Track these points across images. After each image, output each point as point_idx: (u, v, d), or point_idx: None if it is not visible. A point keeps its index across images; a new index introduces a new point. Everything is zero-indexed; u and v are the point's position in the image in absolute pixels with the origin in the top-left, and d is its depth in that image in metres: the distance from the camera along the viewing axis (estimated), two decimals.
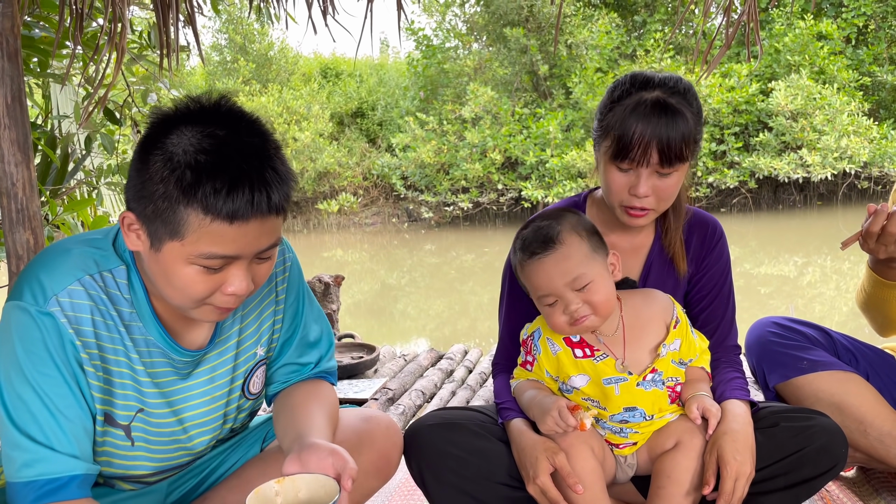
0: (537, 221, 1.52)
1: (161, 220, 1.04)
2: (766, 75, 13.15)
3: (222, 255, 1.06)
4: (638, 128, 1.47)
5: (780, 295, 7.29)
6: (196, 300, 1.12)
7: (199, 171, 1.01)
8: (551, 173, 12.73)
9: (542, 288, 1.48)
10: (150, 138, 1.07)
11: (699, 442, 1.51)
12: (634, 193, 1.52)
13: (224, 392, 1.35)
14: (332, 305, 3.64)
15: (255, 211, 1.04)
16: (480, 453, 1.56)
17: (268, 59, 16.95)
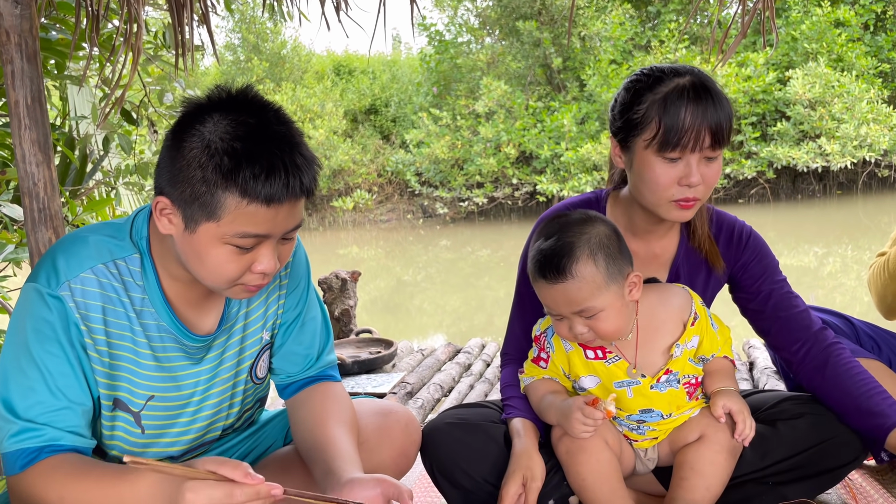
0: (559, 235, 1.42)
1: (199, 203, 1.10)
2: (783, 64, 13.01)
3: (255, 234, 1.12)
4: (688, 112, 1.39)
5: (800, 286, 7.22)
6: (228, 280, 1.17)
7: (237, 157, 1.08)
8: (566, 167, 12.68)
9: (549, 307, 1.46)
10: (183, 126, 1.13)
11: (723, 435, 1.50)
12: (687, 183, 1.43)
13: (231, 376, 1.38)
14: (349, 301, 3.66)
15: (289, 194, 1.10)
16: (493, 454, 1.56)
17: (281, 58, 17.02)
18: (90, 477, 1.12)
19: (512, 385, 1.66)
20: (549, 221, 1.47)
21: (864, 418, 1.50)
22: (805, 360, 1.58)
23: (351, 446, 1.32)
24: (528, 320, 1.69)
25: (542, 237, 1.44)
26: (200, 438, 1.39)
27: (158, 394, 1.29)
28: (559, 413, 1.50)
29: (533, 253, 1.43)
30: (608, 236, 1.43)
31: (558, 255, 1.39)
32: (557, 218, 1.47)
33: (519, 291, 1.71)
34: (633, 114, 1.45)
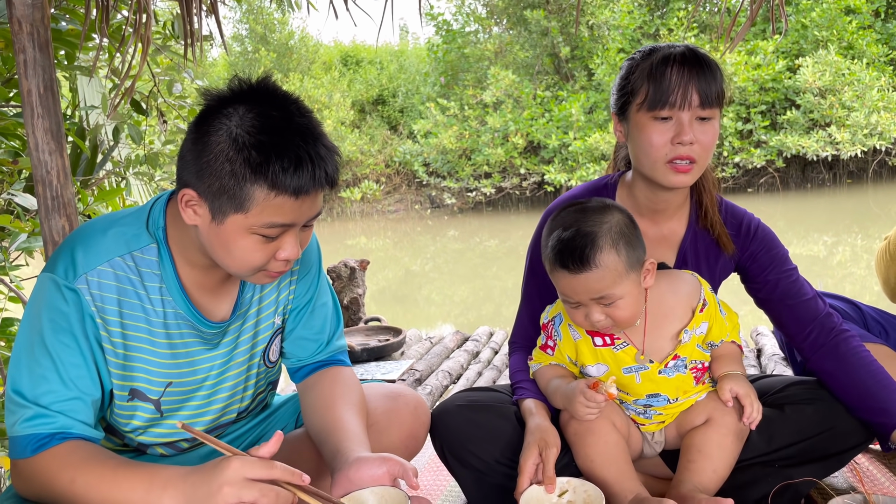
0: (578, 225, 1.41)
1: (227, 195, 1.13)
2: (792, 52, 12.91)
3: (282, 224, 1.16)
4: (674, 71, 1.45)
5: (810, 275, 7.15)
6: (254, 268, 1.20)
7: (266, 151, 1.10)
8: (574, 156, 12.64)
9: (569, 297, 1.45)
10: (206, 119, 1.15)
11: (730, 419, 1.51)
12: (679, 141, 1.45)
13: (245, 360, 1.41)
14: (357, 290, 3.68)
15: (316, 185, 1.14)
16: (503, 436, 1.58)
17: (288, 49, 17.01)
18: (107, 465, 1.14)
19: (521, 370, 1.68)
20: (564, 210, 1.47)
21: (871, 413, 1.51)
22: (813, 347, 1.59)
23: (359, 427, 1.34)
24: (535, 308, 1.70)
25: (560, 227, 1.43)
26: (216, 421, 1.42)
27: (176, 380, 1.32)
28: (564, 397, 1.52)
29: (552, 243, 1.42)
30: (627, 224, 1.43)
31: (581, 245, 1.38)
32: (573, 206, 1.46)
33: (526, 280, 1.73)
34: (626, 84, 1.51)
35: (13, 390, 1.19)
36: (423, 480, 1.90)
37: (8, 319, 2.40)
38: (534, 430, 1.52)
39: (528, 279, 1.72)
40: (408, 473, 1.19)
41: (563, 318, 1.56)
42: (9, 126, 2.35)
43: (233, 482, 1.01)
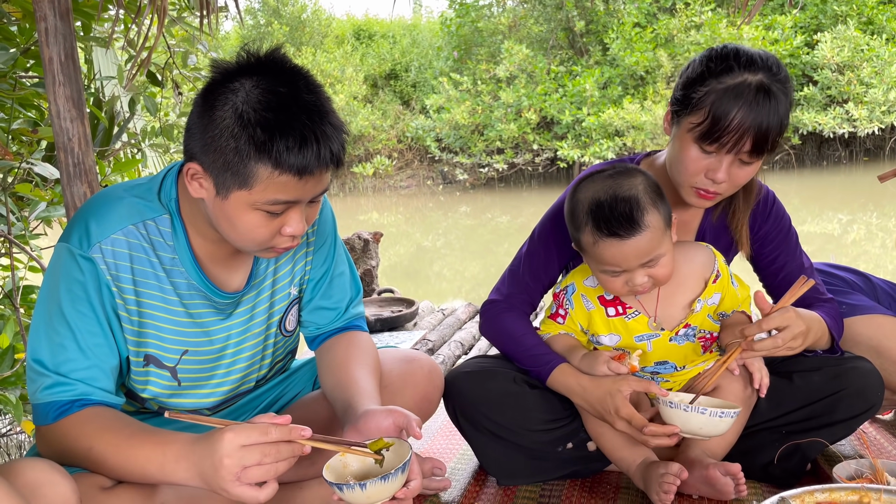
0: (614, 190, 1.40)
1: (231, 171, 1.13)
2: (811, 27, 12.71)
3: (285, 201, 1.16)
4: (739, 113, 1.37)
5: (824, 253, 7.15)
6: (259, 243, 1.21)
7: (270, 130, 1.09)
8: (588, 132, 12.56)
9: (616, 265, 1.42)
10: (213, 91, 1.14)
11: (738, 386, 1.53)
12: (712, 178, 1.44)
13: (262, 329, 1.44)
14: (371, 262, 3.71)
15: (320, 164, 1.13)
16: (514, 400, 1.60)
17: (301, 22, 16.92)
18: (122, 433, 1.17)
19: (529, 333, 1.64)
20: (589, 181, 1.46)
21: None
22: None
23: (372, 385, 1.37)
24: (538, 274, 1.68)
25: (594, 197, 1.41)
26: (235, 389, 1.45)
27: (192, 348, 1.34)
28: (585, 365, 1.53)
29: (594, 213, 1.40)
30: (653, 182, 1.45)
31: (627, 210, 1.38)
32: (598, 175, 1.46)
33: (537, 242, 1.68)
34: (692, 92, 1.45)
35: (34, 359, 1.22)
36: (437, 444, 1.94)
37: (28, 287, 2.45)
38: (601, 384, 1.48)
39: (539, 241, 1.68)
40: (411, 424, 1.22)
41: (577, 287, 1.58)
42: (28, 96, 2.38)
43: (230, 453, 1.04)
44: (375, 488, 1.10)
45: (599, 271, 1.47)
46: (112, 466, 1.15)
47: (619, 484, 1.64)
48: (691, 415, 1.35)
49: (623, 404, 1.43)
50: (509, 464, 1.64)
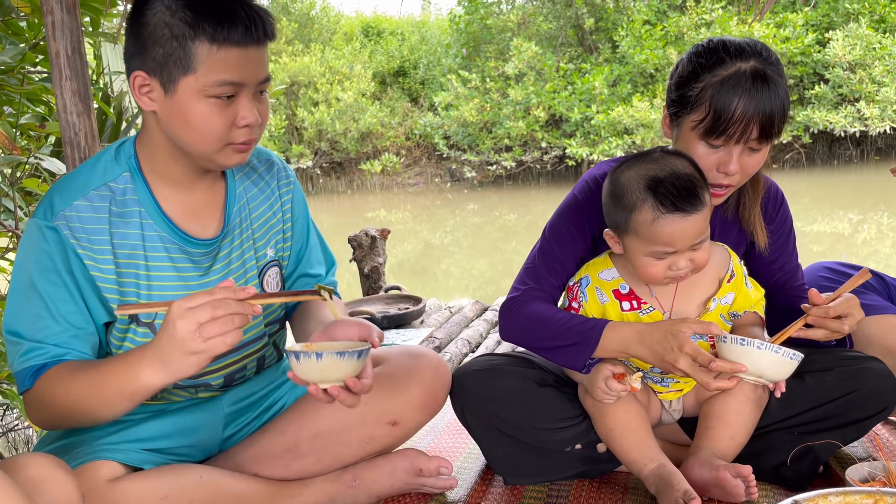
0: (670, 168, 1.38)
1: (173, 59, 1.18)
2: (822, 25, 12.62)
3: (231, 81, 1.20)
4: (740, 103, 1.36)
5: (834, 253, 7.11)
6: (217, 138, 1.23)
7: (199, 8, 1.17)
8: (597, 130, 12.52)
9: (672, 244, 1.38)
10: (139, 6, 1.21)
11: (749, 387, 1.51)
12: (724, 171, 1.43)
13: (241, 284, 1.44)
14: (378, 259, 3.70)
15: (254, 36, 1.19)
16: (523, 398, 1.59)
17: (310, 19, 16.92)
18: (92, 367, 1.21)
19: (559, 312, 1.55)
20: (632, 164, 1.43)
21: None
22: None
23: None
24: (554, 269, 1.62)
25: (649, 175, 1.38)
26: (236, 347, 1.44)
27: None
28: (586, 377, 1.52)
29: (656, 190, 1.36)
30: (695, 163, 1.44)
31: (690, 185, 1.36)
32: (639, 159, 1.43)
33: (560, 231, 1.62)
34: (688, 90, 1.43)
35: (10, 332, 1.25)
36: (443, 442, 1.93)
37: None
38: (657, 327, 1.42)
39: (561, 229, 1.62)
40: (372, 335, 1.27)
41: (591, 280, 1.56)
42: (36, 91, 2.37)
43: (181, 315, 1.09)
44: (330, 361, 1.15)
45: (646, 254, 1.42)
46: (91, 399, 1.19)
47: (628, 484, 1.62)
48: (764, 353, 1.31)
49: (687, 341, 1.37)
50: (517, 463, 1.62)
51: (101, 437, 1.32)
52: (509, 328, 1.59)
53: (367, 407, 1.46)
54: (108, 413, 1.21)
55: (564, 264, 1.61)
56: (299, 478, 1.47)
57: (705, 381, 1.36)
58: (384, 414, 1.48)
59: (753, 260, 1.68)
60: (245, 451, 1.47)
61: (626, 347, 1.45)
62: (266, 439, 1.47)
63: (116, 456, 1.27)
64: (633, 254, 1.45)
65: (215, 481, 1.34)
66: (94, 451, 1.27)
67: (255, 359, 1.52)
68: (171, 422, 1.42)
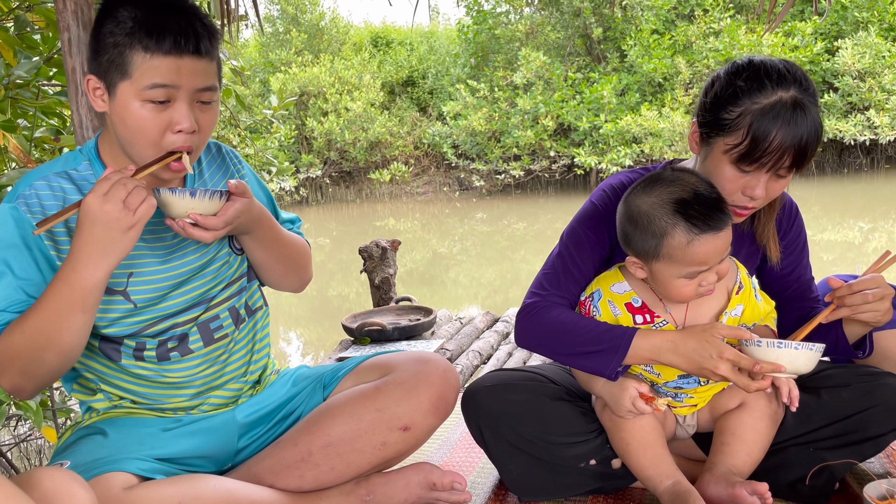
0: (695, 188, 1.39)
1: (114, 66, 1.28)
2: (831, 33, 12.59)
3: (162, 84, 1.27)
4: (779, 134, 1.36)
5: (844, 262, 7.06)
6: (150, 140, 1.31)
7: (138, 20, 1.26)
8: (605, 139, 12.51)
9: (706, 263, 1.39)
10: (100, 16, 1.31)
11: (765, 402, 1.51)
12: (750, 195, 1.43)
13: (214, 249, 1.50)
14: (388, 269, 3.70)
15: (183, 48, 1.27)
16: (536, 413, 1.58)
17: (319, 30, 17.00)
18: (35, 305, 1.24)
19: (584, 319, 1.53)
20: (646, 190, 1.43)
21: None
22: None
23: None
24: (573, 275, 1.60)
25: (673, 199, 1.39)
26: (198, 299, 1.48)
27: (138, 269, 1.39)
28: (608, 391, 1.51)
29: (684, 214, 1.37)
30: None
31: (717, 203, 1.38)
32: (650, 184, 1.43)
33: (579, 239, 1.60)
34: (724, 113, 1.42)
35: None
36: (456, 457, 1.92)
37: None
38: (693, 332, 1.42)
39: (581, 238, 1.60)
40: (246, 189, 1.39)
41: (603, 294, 1.55)
42: (51, 104, 2.39)
43: (103, 202, 1.18)
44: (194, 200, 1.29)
45: (680, 276, 1.41)
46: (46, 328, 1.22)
47: (643, 501, 1.61)
48: (801, 352, 1.36)
49: (726, 347, 1.37)
50: (531, 479, 1.62)
51: (117, 448, 1.33)
52: (530, 334, 1.56)
53: (379, 413, 1.47)
54: (68, 335, 1.24)
55: (583, 270, 1.59)
56: (314, 488, 1.47)
57: (745, 383, 1.37)
58: (395, 419, 1.48)
59: (768, 272, 1.68)
60: (260, 463, 1.48)
61: (656, 355, 1.44)
62: (279, 450, 1.48)
63: (130, 467, 1.28)
64: (664, 278, 1.44)
65: (229, 490, 1.34)
66: (109, 461, 1.28)
67: (227, 308, 1.53)
68: (185, 434, 1.43)
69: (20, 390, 1.29)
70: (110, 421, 1.43)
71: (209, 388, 1.50)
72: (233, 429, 1.50)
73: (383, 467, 1.54)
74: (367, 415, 1.48)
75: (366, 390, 1.51)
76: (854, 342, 1.56)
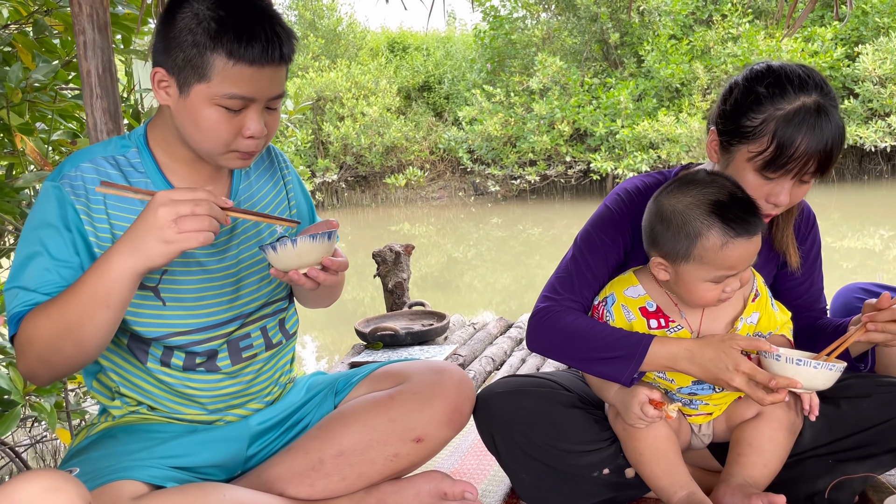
0: (730, 191, 1.37)
1: (191, 65, 1.23)
2: (852, 39, 12.47)
3: (241, 96, 1.24)
4: (804, 140, 1.34)
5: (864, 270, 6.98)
6: (221, 143, 1.28)
7: (223, 22, 1.21)
8: (621, 144, 12.46)
9: (736, 267, 1.38)
10: (173, 5, 1.25)
11: (782, 412, 1.48)
12: (774, 202, 1.42)
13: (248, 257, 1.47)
14: (402, 274, 3.69)
15: (270, 58, 1.23)
16: (549, 420, 1.56)
17: (336, 35, 17.12)
18: (65, 291, 1.22)
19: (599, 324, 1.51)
20: (681, 191, 1.40)
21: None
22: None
23: None
24: (586, 279, 1.58)
25: (709, 200, 1.37)
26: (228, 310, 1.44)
27: (172, 267, 1.37)
28: (619, 399, 1.49)
29: (721, 216, 1.35)
30: None
31: (751, 206, 1.37)
32: (684, 185, 1.41)
33: (594, 241, 1.58)
34: (746, 120, 1.40)
35: (15, 286, 1.27)
36: (467, 464, 1.90)
37: None
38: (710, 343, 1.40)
39: (595, 240, 1.58)
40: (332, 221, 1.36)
41: (616, 298, 1.53)
42: (67, 108, 2.41)
43: (164, 203, 1.13)
44: (304, 245, 1.23)
45: (707, 280, 1.40)
46: (69, 315, 1.19)
47: None
48: (819, 371, 1.34)
49: (742, 359, 1.35)
50: (543, 487, 1.59)
51: (129, 454, 1.32)
52: (543, 338, 1.54)
53: (392, 424, 1.45)
54: (89, 328, 1.20)
55: (597, 274, 1.57)
56: (324, 497, 1.45)
57: (759, 396, 1.35)
58: (408, 431, 1.46)
59: (781, 280, 1.66)
60: (271, 470, 1.46)
61: (672, 363, 1.43)
62: (291, 458, 1.47)
63: (140, 474, 1.27)
64: (690, 280, 1.42)
65: (239, 500, 1.33)
66: (119, 468, 1.27)
67: (259, 328, 1.51)
68: (199, 440, 1.42)
69: (35, 376, 1.27)
70: (124, 427, 1.43)
71: (228, 406, 1.49)
72: (245, 436, 1.49)
73: (394, 477, 1.53)
74: (380, 425, 1.46)
75: (379, 399, 1.49)
76: (856, 355, 1.54)
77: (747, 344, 1.37)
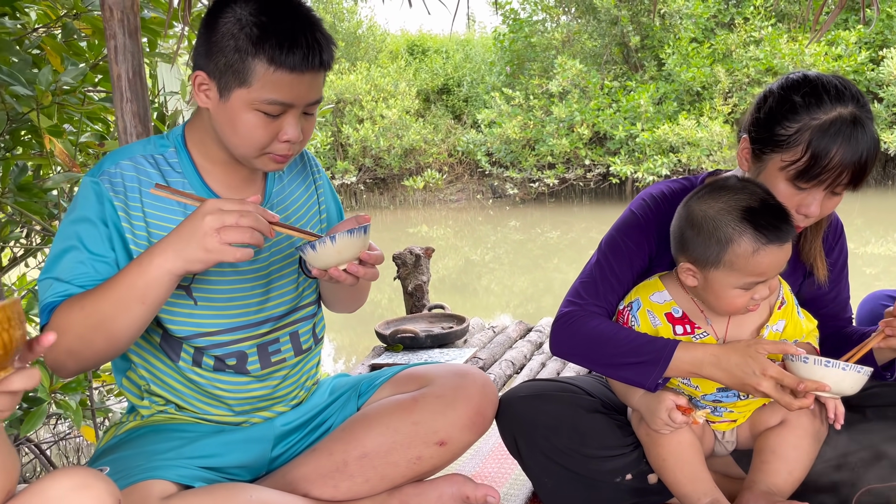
0: (762, 198, 1.37)
1: (232, 70, 1.24)
2: (876, 42, 12.31)
3: (281, 102, 1.25)
4: (839, 151, 1.33)
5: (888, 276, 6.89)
6: (258, 146, 1.30)
7: (265, 28, 1.22)
8: (641, 148, 12.39)
9: (766, 274, 1.37)
10: (216, 8, 1.27)
11: (807, 420, 1.47)
12: (804, 213, 1.40)
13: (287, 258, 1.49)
14: (422, 277, 3.70)
15: (310, 65, 1.24)
16: (572, 424, 1.55)
17: (356, 38, 17.19)
18: (102, 284, 1.23)
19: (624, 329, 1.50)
20: (713, 196, 1.39)
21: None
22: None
23: None
24: (611, 284, 1.58)
25: (741, 206, 1.36)
26: (259, 312, 1.45)
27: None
28: (645, 404, 1.48)
29: (753, 222, 1.34)
30: None
31: (784, 213, 1.36)
32: (716, 191, 1.40)
33: (620, 245, 1.58)
34: (780, 129, 1.39)
35: (48, 277, 1.28)
36: (489, 468, 1.91)
37: None
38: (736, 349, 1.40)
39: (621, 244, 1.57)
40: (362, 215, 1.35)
41: (642, 303, 1.53)
42: (95, 110, 2.45)
43: (211, 211, 1.15)
44: (343, 240, 1.23)
45: (737, 286, 1.39)
46: (103, 308, 1.20)
47: None
48: (848, 373, 1.33)
49: (769, 364, 1.34)
50: (565, 492, 1.59)
51: (158, 454, 1.34)
52: (567, 343, 1.53)
53: (415, 427, 1.46)
54: (122, 322, 1.20)
55: (621, 280, 1.56)
56: (348, 498, 1.46)
57: (787, 401, 1.34)
58: (432, 434, 1.47)
59: (807, 289, 1.64)
60: (295, 470, 1.48)
61: (698, 369, 1.41)
62: (315, 459, 1.48)
63: (170, 474, 1.28)
64: (719, 287, 1.41)
65: (265, 501, 1.34)
66: (148, 468, 1.28)
67: (289, 333, 1.51)
68: (225, 441, 1.44)
69: (61, 367, 1.27)
70: (152, 426, 1.44)
71: (254, 408, 1.50)
72: (270, 437, 1.51)
73: (416, 480, 1.53)
74: (404, 427, 1.47)
75: (403, 402, 1.50)
76: (882, 364, 1.52)
77: (773, 348, 1.36)
